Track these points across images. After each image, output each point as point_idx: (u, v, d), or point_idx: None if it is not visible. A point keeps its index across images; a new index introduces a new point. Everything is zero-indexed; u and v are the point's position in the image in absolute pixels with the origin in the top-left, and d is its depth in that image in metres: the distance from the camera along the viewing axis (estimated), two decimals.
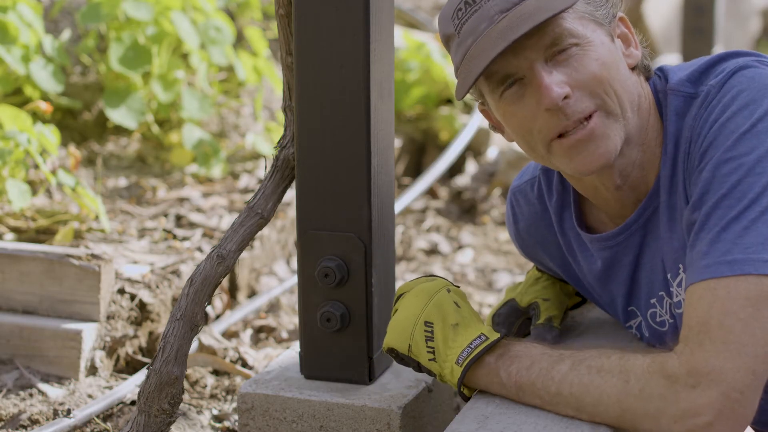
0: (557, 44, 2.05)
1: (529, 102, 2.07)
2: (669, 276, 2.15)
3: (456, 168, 4.92)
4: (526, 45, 2.03)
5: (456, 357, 2.12)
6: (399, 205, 4.19)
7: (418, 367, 2.20)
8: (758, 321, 1.88)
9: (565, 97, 2.04)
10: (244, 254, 3.59)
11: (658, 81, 2.17)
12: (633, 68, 2.14)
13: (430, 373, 2.18)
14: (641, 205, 2.17)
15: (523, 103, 2.08)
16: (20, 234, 3.39)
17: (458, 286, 2.23)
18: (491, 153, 5.04)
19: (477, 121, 4.94)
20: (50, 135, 3.43)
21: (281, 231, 3.91)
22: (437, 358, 2.14)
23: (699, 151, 2.03)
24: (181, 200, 3.92)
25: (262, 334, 3.38)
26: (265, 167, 2.41)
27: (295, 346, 2.51)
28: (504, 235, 4.43)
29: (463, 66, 2.08)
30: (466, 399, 2.17)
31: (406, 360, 2.20)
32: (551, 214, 2.34)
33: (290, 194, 2.65)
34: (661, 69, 2.20)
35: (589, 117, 2.06)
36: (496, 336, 2.12)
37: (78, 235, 3.41)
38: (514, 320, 2.45)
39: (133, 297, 3.06)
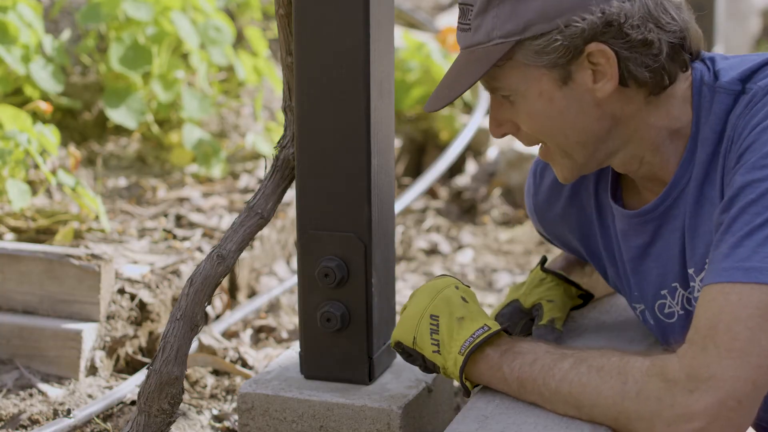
0: (494, 92, 2.11)
1: None
2: (691, 270, 2.13)
3: (456, 168, 4.92)
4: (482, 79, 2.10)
5: (459, 347, 2.13)
6: (399, 205, 4.19)
7: (424, 363, 2.20)
8: (765, 331, 1.87)
9: (507, 134, 2.14)
10: (244, 254, 3.58)
11: (706, 73, 2.12)
12: (626, 86, 2.07)
13: (434, 367, 2.18)
14: (660, 197, 2.16)
15: None
16: (20, 234, 3.39)
17: (468, 286, 2.23)
18: (491, 153, 5.04)
19: (477, 121, 4.94)
20: (50, 135, 3.43)
21: (281, 231, 3.91)
22: (441, 351, 2.15)
23: (737, 152, 2.01)
24: (181, 200, 3.92)
25: (262, 334, 3.38)
26: (265, 167, 2.41)
27: (295, 346, 2.51)
28: (504, 235, 4.43)
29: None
30: (468, 393, 2.17)
31: (412, 355, 2.20)
32: (585, 178, 2.33)
33: (290, 194, 2.64)
34: (712, 60, 2.14)
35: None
36: (498, 327, 2.13)
37: (78, 235, 3.40)
38: (517, 321, 2.45)
39: (133, 297, 3.06)
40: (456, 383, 2.68)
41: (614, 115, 2.09)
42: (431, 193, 4.76)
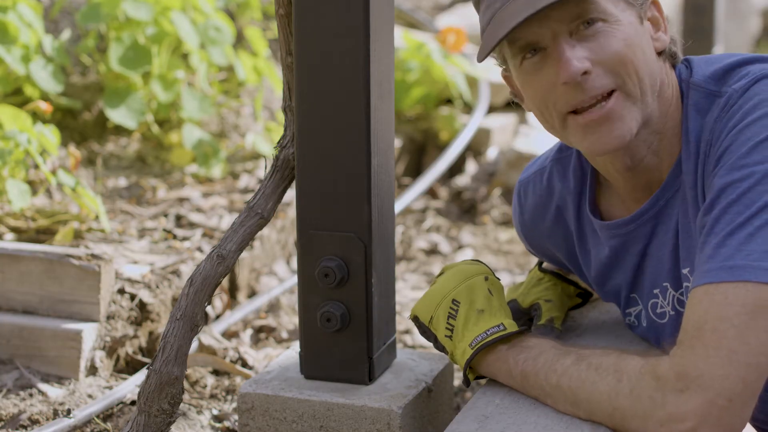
0: (584, 17, 2.02)
1: (548, 73, 2.05)
2: (686, 270, 2.14)
3: (456, 168, 4.92)
4: (552, 16, 2.01)
5: (471, 340, 2.15)
6: (399, 205, 4.19)
7: (436, 342, 2.25)
8: (752, 330, 1.87)
9: (585, 73, 2.02)
10: (244, 254, 3.59)
11: (684, 71, 2.15)
12: (660, 53, 2.12)
13: (443, 350, 2.23)
14: (654, 196, 2.16)
15: (542, 74, 2.06)
16: (20, 234, 3.39)
17: (498, 278, 2.25)
18: (491, 153, 5.04)
19: (477, 121, 4.94)
20: (50, 135, 3.43)
21: (281, 231, 3.91)
22: (453, 337, 2.19)
23: (715, 155, 2.02)
24: (181, 200, 3.92)
25: (262, 334, 3.38)
26: (265, 167, 2.41)
27: (295, 346, 2.51)
28: (504, 235, 4.43)
29: (488, 30, 2.06)
30: (468, 384, 2.19)
31: (426, 332, 2.26)
32: (566, 200, 2.33)
33: (290, 194, 2.65)
34: (687, 60, 2.18)
35: (608, 96, 2.04)
36: (515, 328, 2.15)
37: (78, 235, 3.40)
38: (516, 320, 2.46)
39: (133, 297, 3.06)
40: (456, 382, 2.68)
41: (661, 75, 2.13)
42: (431, 193, 4.76)
